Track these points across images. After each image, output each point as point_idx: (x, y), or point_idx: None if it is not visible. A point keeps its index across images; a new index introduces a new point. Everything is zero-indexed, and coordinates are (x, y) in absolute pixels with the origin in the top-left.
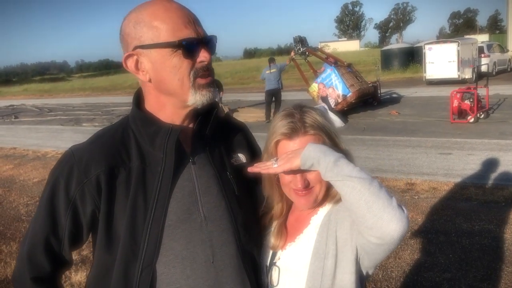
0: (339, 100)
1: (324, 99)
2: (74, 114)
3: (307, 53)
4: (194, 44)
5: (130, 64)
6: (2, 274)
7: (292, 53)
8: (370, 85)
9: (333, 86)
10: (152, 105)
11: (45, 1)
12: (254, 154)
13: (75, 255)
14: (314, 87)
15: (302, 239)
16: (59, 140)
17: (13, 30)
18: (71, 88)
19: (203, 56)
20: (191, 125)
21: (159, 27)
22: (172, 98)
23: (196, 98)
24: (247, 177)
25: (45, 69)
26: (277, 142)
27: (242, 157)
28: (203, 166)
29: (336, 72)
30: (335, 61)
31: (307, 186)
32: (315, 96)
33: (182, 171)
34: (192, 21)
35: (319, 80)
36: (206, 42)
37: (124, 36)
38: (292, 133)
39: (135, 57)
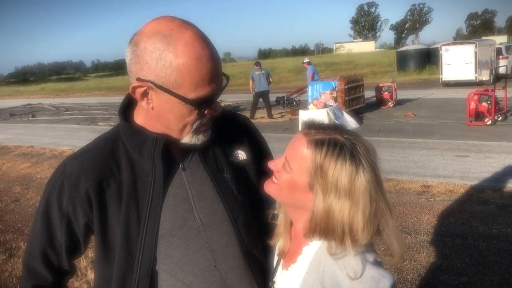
0: (335, 95)
1: (327, 106)
2: (90, 114)
3: (285, 98)
4: (210, 100)
5: (138, 92)
6: (21, 270)
7: (287, 112)
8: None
9: (321, 92)
10: (141, 121)
11: (62, 1)
12: (258, 148)
13: (91, 253)
14: (312, 107)
15: (294, 269)
16: (75, 139)
17: (31, 30)
18: (87, 88)
19: (214, 109)
20: None
21: (184, 77)
22: (167, 130)
23: (192, 140)
24: (250, 174)
25: (62, 69)
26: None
27: (241, 154)
28: (195, 171)
29: (314, 82)
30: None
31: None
32: None
33: (173, 178)
34: (217, 74)
35: (310, 100)
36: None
37: (140, 59)
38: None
39: (144, 88)
